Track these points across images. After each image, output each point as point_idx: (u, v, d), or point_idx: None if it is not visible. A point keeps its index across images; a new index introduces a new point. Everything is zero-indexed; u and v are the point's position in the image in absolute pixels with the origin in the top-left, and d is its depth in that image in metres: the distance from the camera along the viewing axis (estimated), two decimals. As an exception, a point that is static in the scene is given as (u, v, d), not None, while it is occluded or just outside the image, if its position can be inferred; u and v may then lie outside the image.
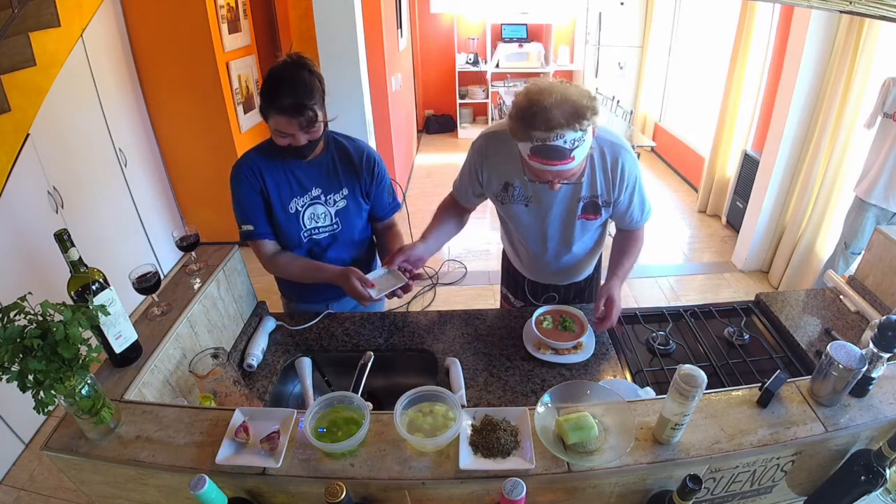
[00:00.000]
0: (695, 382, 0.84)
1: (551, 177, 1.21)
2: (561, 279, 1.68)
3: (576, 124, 1.10)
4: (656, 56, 5.81)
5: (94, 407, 0.91)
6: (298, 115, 1.28)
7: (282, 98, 1.27)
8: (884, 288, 1.48)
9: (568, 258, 1.57)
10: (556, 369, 1.36)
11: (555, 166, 1.16)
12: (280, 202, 1.46)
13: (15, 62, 2.29)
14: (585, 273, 1.70)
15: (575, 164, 1.17)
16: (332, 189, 1.50)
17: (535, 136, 1.12)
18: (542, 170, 1.19)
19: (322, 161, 1.48)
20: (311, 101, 1.29)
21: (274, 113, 1.29)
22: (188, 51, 3.21)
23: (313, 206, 1.49)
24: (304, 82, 1.29)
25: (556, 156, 1.14)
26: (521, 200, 1.43)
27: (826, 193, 3.02)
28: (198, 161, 3.61)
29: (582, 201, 1.40)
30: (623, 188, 1.38)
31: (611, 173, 1.35)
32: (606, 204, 1.41)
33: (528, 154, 1.17)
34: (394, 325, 1.55)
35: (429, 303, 3.35)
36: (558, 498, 0.94)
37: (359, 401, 0.96)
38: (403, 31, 5.05)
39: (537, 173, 1.23)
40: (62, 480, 2.12)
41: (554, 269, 1.61)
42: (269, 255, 1.50)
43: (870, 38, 2.64)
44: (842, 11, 1.30)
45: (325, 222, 1.52)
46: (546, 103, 1.10)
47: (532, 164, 1.19)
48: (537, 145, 1.13)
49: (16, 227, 2.35)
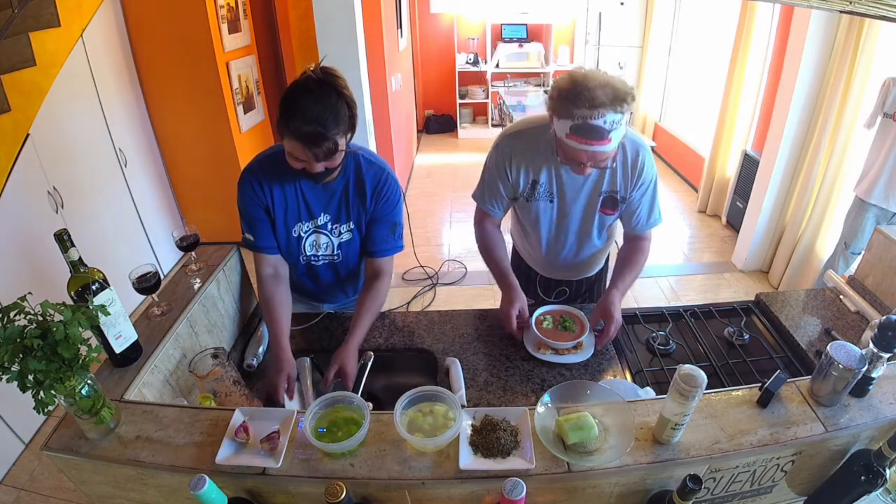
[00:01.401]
0: (695, 382, 0.84)
1: (585, 158, 1.22)
2: (574, 274, 1.70)
3: (617, 106, 1.13)
4: (656, 56, 5.80)
5: (94, 407, 0.91)
6: (315, 147, 1.13)
7: (300, 123, 1.11)
8: (884, 288, 1.48)
9: (583, 252, 1.60)
10: (557, 369, 1.36)
11: (592, 146, 1.17)
12: (284, 224, 1.37)
13: (15, 62, 2.29)
14: (597, 268, 1.74)
15: (611, 146, 1.19)
16: (340, 219, 1.40)
17: (577, 115, 1.14)
18: (578, 150, 1.20)
19: (336, 186, 1.35)
20: (335, 131, 1.14)
21: (289, 136, 1.14)
22: (188, 51, 3.21)
23: (317, 235, 1.40)
24: (330, 107, 1.13)
25: (595, 135, 1.15)
26: (546, 197, 1.45)
27: (826, 193, 3.02)
28: (198, 161, 3.61)
29: (602, 195, 1.43)
30: (638, 185, 1.41)
31: (630, 169, 1.38)
32: (623, 200, 1.44)
33: (567, 132, 1.18)
34: (394, 325, 1.55)
35: (429, 303, 3.35)
36: (558, 498, 0.94)
37: (359, 401, 0.96)
38: (403, 31, 5.05)
39: (572, 154, 1.23)
40: (62, 480, 2.12)
41: (569, 263, 1.63)
42: (262, 276, 1.39)
43: (870, 38, 2.63)
44: (842, 11, 1.30)
45: (326, 251, 1.44)
46: (590, 84, 1.14)
47: (568, 145, 1.20)
48: (578, 123, 1.15)
49: (16, 227, 2.35)
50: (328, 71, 1.18)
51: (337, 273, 1.52)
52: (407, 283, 3.56)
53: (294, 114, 1.12)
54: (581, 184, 1.41)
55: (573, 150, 1.21)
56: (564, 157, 1.27)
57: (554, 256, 1.62)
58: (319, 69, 1.17)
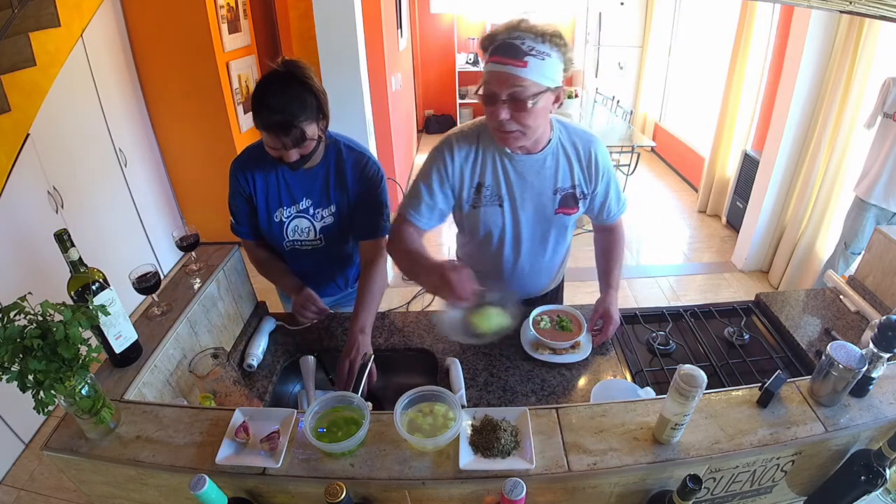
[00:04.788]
0: (695, 382, 0.84)
1: (498, 85, 1.13)
2: (533, 287, 1.56)
3: (539, 36, 1.11)
4: (656, 56, 5.81)
5: (94, 407, 0.91)
6: (283, 134, 1.21)
7: (267, 114, 1.19)
8: (884, 288, 1.48)
9: (543, 261, 1.47)
10: (556, 369, 1.36)
11: (506, 65, 1.11)
12: (266, 209, 1.44)
13: (15, 62, 2.29)
14: (558, 279, 1.62)
15: (528, 72, 1.11)
16: (321, 203, 1.44)
17: (498, 38, 1.13)
18: (494, 73, 1.13)
19: (317, 172, 1.42)
20: (301, 118, 1.20)
21: (261, 128, 1.23)
22: (188, 51, 3.21)
23: (298, 219, 1.45)
24: (294, 97, 1.20)
25: (510, 52, 1.11)
26: (494, 201, 1.34)
27: (826, 193, 3.02)
28: (198, 161, 3.61)
29: (559, 193, 1.34)
30: (599, 178, 1.36)
31: (586, 163, 1.34)
32: (584, 196, 1.37)
33: (487, 59, 1.15)
34: (394, 325, 1.55)
35: (429, 303, 3.35)
36: (558, 498, 0.94)
37: (359, 401, 0.96)
38: (403, 31, 5.04)
39: (488, 86, 1.16)
40: (62, 480, 2.12)
41: (528, 274, 1.48)
42: (249, 247, 1.55)
43: (870, 38, 2.64)
44: (842, 11, 1.30)
45: (309, 237, 1.47)
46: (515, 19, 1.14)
47: (486, 73, 1.16)
48: (496, 44, 1.13)
49: (16, 227, 2.35)
50: (292, 63, 1.25)
51: (323, 259, 1.54)
52: (407, 283, 3.56)
53: (261, 107, 1.20)
54: (532, 180, 1.31)
55: (489, 78, 1.15)
56: (483, 96, 1.18)
57: (509, 272, 1.46)
58: (283, 62, 1.25)
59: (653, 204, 4.79)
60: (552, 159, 1.31)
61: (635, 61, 6.05)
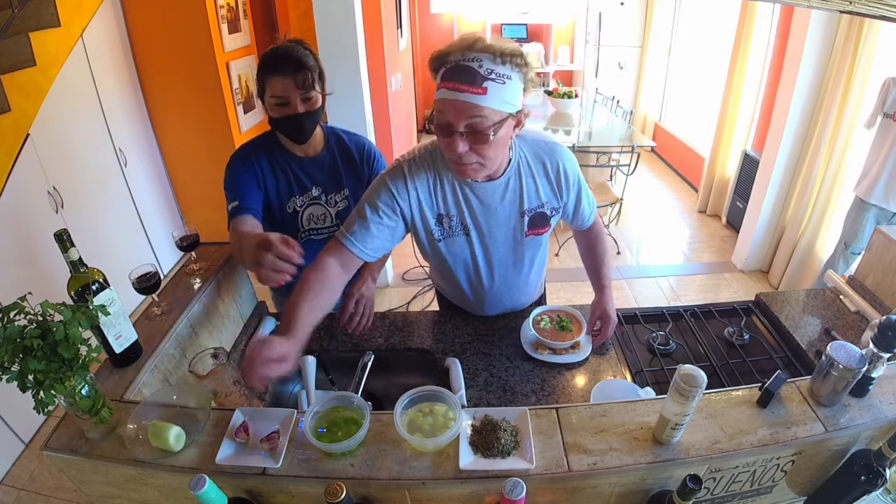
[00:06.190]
0: (695, 382, 0.84)
1: (454, 115, 0.99)
2: (514, 305, 1.52)
3: (497, 57, 0.98)
4: (656, 56, 5.81)
5: (94, 407, 0.91)
6: (296, 73, 1.27)
7: (278, 61, 1.27)
8: (884, 288, 1.48)
9: (519, 282, 1.43)
10: (556, 369, 1.36)
11: (462, 92, 0.97)
12: (278, 200, 1.44)
13: (15, 62, 2.29)
14: (539, 291, 1.59)
15: (486, 100, 0.98)
16: (332, 188, 1.48)
17: (450, 60, 1.00)
18: (447, 101, 1.00)
19: (323, 159, 1.46)
20: (310, 64, 1.29)
21: (271, 75, 1.28)
22: (188, 51, 3.21)
23: (313, 207, 1.47)
24: (302, 52, 1.30)
25: (466, 77, 0.97)
26: (460, 231, 1.25)
27: (826, 193, 3.02)
28: (198, 161, 3.61)
29: (527, 215, 1.26)
30: (570, 189, 1.28)
31: (554, 177, 1.25)
32: (555, 211, 1.29)
33: (439, 83, 1.02)
34: (394, 325, 1.55)
35: (429, 303, 3.35)
36: (558, 498, 0.94)
37: (359, 401, 0.96)
38: (403, 31, 5.04)
39: (441, 115, 1.02)
40: (62, 480, 2.12)
41: (504, 296, 1.45)
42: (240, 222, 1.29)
43: (870, 38, 2.64)
44: (842, 11, 1.30)
45: (325, 223, 1.50)
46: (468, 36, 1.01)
47: (438, 101, 1.02)
48: (449, 67, 0.99)
49: (16, 227, 2.35)
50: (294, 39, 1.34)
51: None
52: (407, 283, 3.56)
53: (272, 59, 1.28)
54: (496, 207, 1.22)
55: (443, 106, 1.01)
56: (437, 127, 1.04)
57: (486, 294, 1.41)
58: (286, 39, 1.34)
59: (653, 204, 4.79)
60: (515, 181, 1.22)
61: (635, 61, 6.05)
